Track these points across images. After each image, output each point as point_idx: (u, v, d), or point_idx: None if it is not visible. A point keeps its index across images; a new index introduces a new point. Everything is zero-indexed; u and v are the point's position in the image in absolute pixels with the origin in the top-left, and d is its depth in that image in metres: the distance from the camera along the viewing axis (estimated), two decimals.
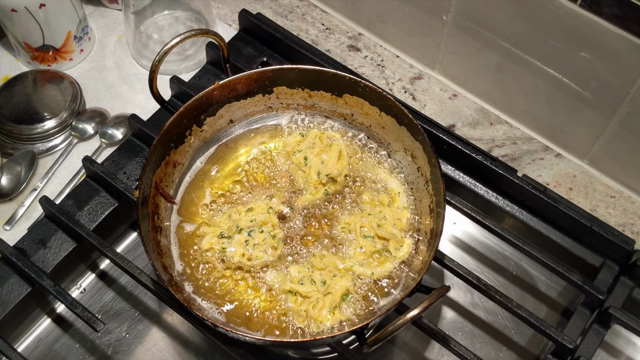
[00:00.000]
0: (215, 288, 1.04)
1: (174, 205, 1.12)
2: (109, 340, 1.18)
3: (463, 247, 1.28)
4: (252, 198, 1.12)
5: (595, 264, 1.19)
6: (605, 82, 1.17)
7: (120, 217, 1.23)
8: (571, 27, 1.13)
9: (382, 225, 1.08)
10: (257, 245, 1.05)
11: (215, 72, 1.36)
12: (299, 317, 1.00)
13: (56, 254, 1.16)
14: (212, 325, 0.94)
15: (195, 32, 1.08)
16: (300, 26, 1.51)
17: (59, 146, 1.33)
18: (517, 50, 1.24)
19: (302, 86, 1.18)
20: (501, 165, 1.24)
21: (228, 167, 1.16)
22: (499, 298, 1.09)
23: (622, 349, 1.20)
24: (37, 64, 1.40)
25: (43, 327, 1.19)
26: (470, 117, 1.39)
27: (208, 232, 1.07)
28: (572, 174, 1.32)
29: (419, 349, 1.18)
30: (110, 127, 1.33)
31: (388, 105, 1.12)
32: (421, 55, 1.43)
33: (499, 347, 1.18)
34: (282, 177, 1.14)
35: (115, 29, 1.49)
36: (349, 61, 1.45)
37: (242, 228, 1.06)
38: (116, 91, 1.41)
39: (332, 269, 1.04)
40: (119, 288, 1.23)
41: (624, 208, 1.28)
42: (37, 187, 1.27)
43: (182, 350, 1.18)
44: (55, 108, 1.33)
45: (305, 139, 1.17)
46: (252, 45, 1.40)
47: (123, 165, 1.24)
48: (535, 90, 1.28)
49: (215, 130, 1.18)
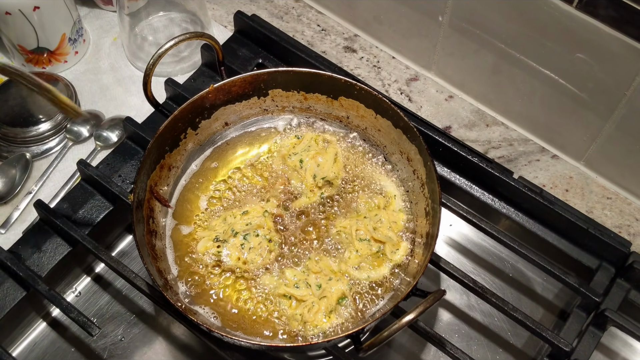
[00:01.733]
0: (211, 292, 1.04)
1: (169, 208, 1.11)
2: (105, 343, 1.17)
3: (459, 249, 1.28)
4: (247, 201, 1.12)
5: (592, 266, 1.19)
6: (601, 84, 1.16)
7: (115, 221, 1.23)
8: (567, 28, 1.12)
9: (378, 228, 1.07)
10: (253, 248, 1.05)
11: (210, 74, 1.36)
12: (294, 321, 1.00)
13: (51, 258, 1.15)
14: (208, 330, 0.94)
15: (190, 35, 1.08)
16: (296, 27, 1.50)
17: (54, 149, 1.32)
18: (513, 52, 1.24)
19: (297, 89, 1.17)
20: (497, 167, 1.24)
21: (223, 170, 1.15)
22: (495, 301, 1.09)
23: (618, 350, 1.20)
24: (32, 67, 1.40)
25: (38, 331, 1.19)
26: (466, 119, 1.38)
27: (203, 235, 1.07)
28: (568, 176, 1.32)
29: (416, 352, 1.18)
30: (105, 130, 1.33)
31: (383, 107, 1.12)
32: (417, 57, 1.43)
33: (495, 350, 1.18)
34: (278, 179, 1.13)
35: (110, 31, 1.48)
36: (345, 62, 1.45)
37: (237, 231, 1.06)
38: (111, 93, 1.40)
39: (327, 272, 1.04)
40: (115, 291, 1.22)
41: (621, 209, 1.28)
42: (31, 191, 1.26)
43: (178, 354, 1.17)
44: (50, 111, 1.33)
45: (300, 142, 1.17)
46: (247, 47, 1.40)
47: (118, 169, 1.24)
48: (532, 92, 1.28)
49: (210, 133, 1.17)
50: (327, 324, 0.99)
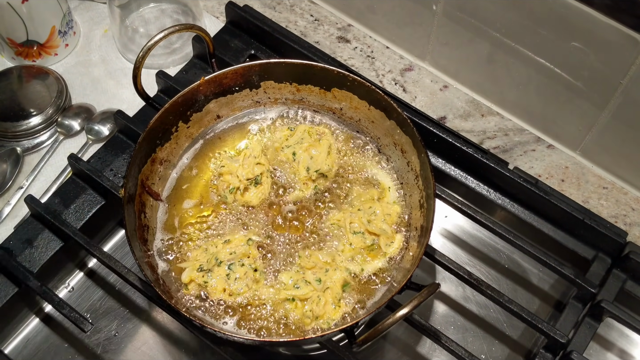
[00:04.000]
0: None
1: (161, 202, 1.10)
2: (98, 339, 1.17)
3: (454, 240, 1.27)
4: (227, 230, 1.08)
5: (588, 256, 1.18)
6: (597, 73, 1.15)
7: (107, 215, 1.22)
8: (562, 17, 1.11)
9: (372, 221, 1.06)
10: (239, 279, 1.01)
11: (202, 66, 1.34)
12: (306, 318, 0.99)
13: (43, 254, 1.14)
14: (200, 326, 0.93)
15: (180, 27, 1.07)
16: (289, 17, 1.49)
17: (45, 143, 1.31)
18: (508, 40, 1.23)
19: (290, 80, 1.16)
20: (492, 158, 1.22)
21: (207, 174, 1.13)
22: (490, 293, 1.08)
23: (614, 340, 1.19)
24: (22, 60, 1.38)
25: (31, 327, 1.18)
26: (461, 109, 1.37)
27: (186, 265, 1.03)
28: (564, 165, 1.31)
29: (411, 344, 1.17)
30: (96, 123, 1.32)
31: (377, 99, 1.10)
32: (411, 46, 1.41)
33: (491, 341, 1.18)
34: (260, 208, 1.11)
35: (100, 23, 1.47)
36: (339, 53, 1.44)
37: (221, 261, 1.02)
38: (102, 86, 1.39)
39: (321, 265, 1.03)
40: (108, 286, 1.22)
41: (617, 199, 1.27)
42: (23, 185, 1.25)
43: (172, 349, 1.17)
44: (41, 104, 1.31)
45: (293, 134, 1.16)
46: (239, 38, 1.38)
47: (110, 163, 1.23)
48: (527, 81, 1.27)
49: (202, 126, 1.16)
50: (339, 313, 0.99)
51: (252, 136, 1.17)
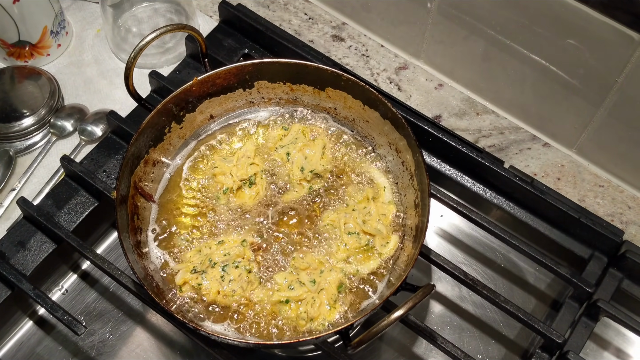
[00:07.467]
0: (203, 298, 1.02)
1: (154, 204, 1.09)
2: (93, 341, 1.16)
3: (450, 239, 1.26)
4: (221, 231, 1.07)
5: (584, 255, 1.18)
6: (592, 70, 1.14)
7: (100, 217, 1.21)
8: (557, 14, 1.10)
9: (367, 221, 1.06)
10: (233, 280, 1.00)
11: (196, 66, 1.33)
12: (301, 320, 0.98)
13: (36, 256, 1.13)
14: (194, 329, 0.92)
15: (172, 27, 1.06)
16: (283, 16, 1.48)
17: (38, 144, 1.30)
18: (503, 38, 1.22)
19: (283, 80, 1.15)
20: (488, 157, 1.22)
21: (200, 175, 1.12)
22: (486, 293, 1.07)
23: (611, 339, 1.19)
24: (14, 60, 1.37)
25: (25, 330, 1.17)
26: (456, 107, 1.36)
27: (180, 267, 1.02)
28: (560, 164, 1.30)
29: (407, 344, 1.17)
30: (89, 124, 1.31)
31: (371, 98, 1.10)
32: (406, 45, 1.41)
33: (487, 341, 1.17)
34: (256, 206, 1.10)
35: (93, 23, 1.46)
36: (333, 52, 1.43)
37: (215, 262, 1.01)
38: (95, 86, 1.38)
39: (316, 266, 1.02)
40: (102, 288, 1.21)
41: (613, 197, 1.27)
42: (15, 187, 1.24)
43: (167, 351, 1.16)
44: (33, 105, 1.30)
45: (287, 134, 1.15)
46: (233, 37, 1.37)
47: (103, 164, 1.22)
48: (522, 79, 1.26)
49: (195, 127, 1.15)
50: (334, 314, 0.98)
51: (246, 136, 1.16)
